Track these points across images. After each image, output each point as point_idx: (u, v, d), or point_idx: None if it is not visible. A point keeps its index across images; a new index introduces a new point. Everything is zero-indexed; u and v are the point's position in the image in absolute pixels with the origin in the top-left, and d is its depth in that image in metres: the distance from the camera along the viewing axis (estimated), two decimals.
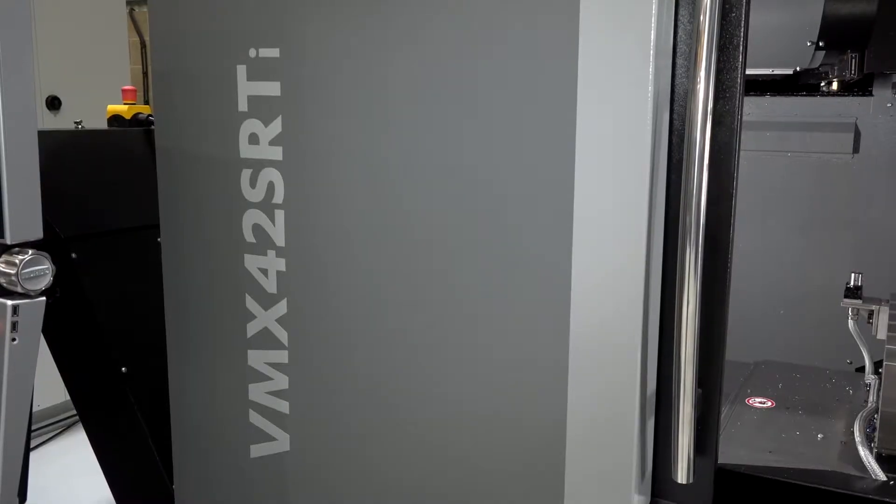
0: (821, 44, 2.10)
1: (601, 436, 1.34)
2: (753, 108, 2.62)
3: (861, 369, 2.07)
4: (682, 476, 1.31)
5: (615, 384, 1.32)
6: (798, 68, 2.23)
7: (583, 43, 1.27)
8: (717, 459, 1.41)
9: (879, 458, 1.63)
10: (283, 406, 1.68)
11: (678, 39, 1.31)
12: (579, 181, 1.30)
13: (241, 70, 1.59)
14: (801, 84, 2.51)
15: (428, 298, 1.48)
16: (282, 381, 1.67)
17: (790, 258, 2.62)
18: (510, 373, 1.42)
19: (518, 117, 1.34)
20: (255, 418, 1.72)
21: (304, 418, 1.67)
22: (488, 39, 1.35)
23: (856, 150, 2.53)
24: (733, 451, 1.70)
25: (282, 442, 1.70)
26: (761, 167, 2.63)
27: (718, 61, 1.27)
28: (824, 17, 2.05)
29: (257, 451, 1.74)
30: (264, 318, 1.67)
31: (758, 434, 1.82)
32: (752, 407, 1.97)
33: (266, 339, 1.67)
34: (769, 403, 1.98)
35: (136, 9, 5.45)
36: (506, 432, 1.44)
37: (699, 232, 1.24)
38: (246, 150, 1.62)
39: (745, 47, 1.30)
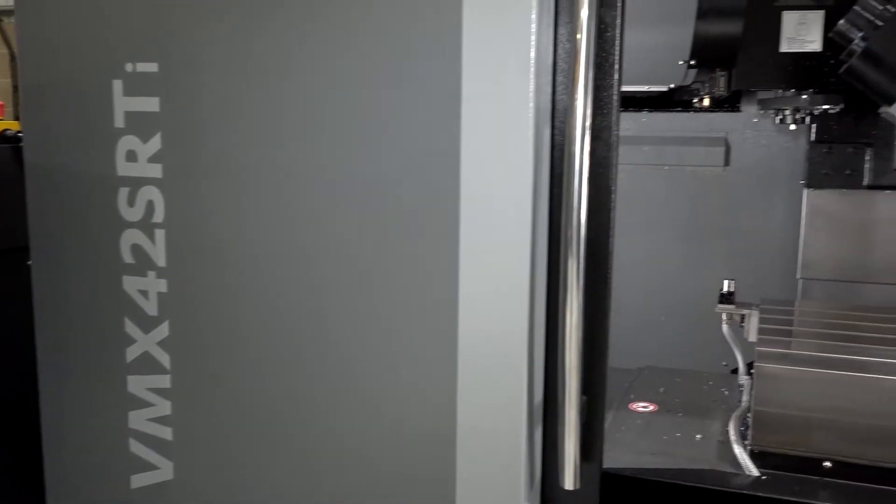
0: (692, 62, 2.21)
1: (491, 445, 1.36)
2: (631, 123, 2.73)
3: (736, 371, 2.19)
4: (569, 482, 1.34)
5: (503, 394, 1.34)
6: (672, 85, 2.34)
7: (466, 61, 1.29)
8: (602, 464, 1.45)
9: (753, 455, 1.72)
10: (166, 433, 1.62)
11: (558, 57, 1.35)
12: (465, 196, 1.31)
13: (118, 85, 1.54)
14: (675, 100, 2.64)
15: (313, 316, 1.46)
16: (164, 407, 1.61)
17: (669, 267, 2.74)
18: (398, 386, 1.42)
19: (403, 135, 1.35)
20: (136, 447, 1.65)
21: (188, 445, 1.61)
22: (373, 56, 1.35)
23: (727, 162, 2.67)
24: (618, 455, 1.76)
25: (165, 470, 1.64)
26: (640, 180, 2.74)
27: (596, 78, 1.31)
28: (695, 38, 2.16)
29: (139, 480, 1.67)
30: (145, 342, 1.60)
31: (641, 437, 1.88)
32: (635, 412, 2.04)
33: (147, 364, 1.61)
34: (652, 407, 2.06)
35: (6, 19, 5.18)
36: (395, 446, 1.44)
37: (580, 244, 1.28)
38: (123, 168, 1.56)
39: (621, 65, 1.35)
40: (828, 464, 1.68)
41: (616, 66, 1.33)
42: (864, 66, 1.72)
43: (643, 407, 2.06)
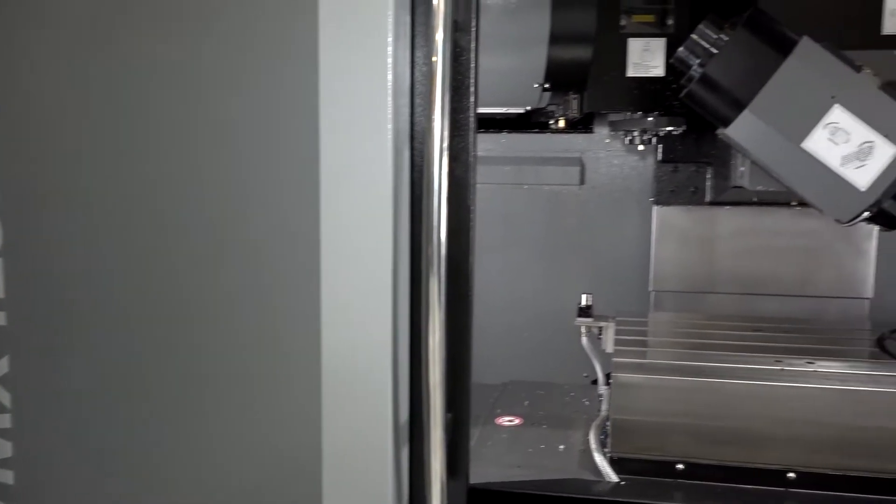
0: (546, 86, 2.29)
1: (358, 467, 1.35)
2: (492, 144, 2.80)
3: (596, 382, 2.27)
4: (436, 500, 1.35)
5: (369, 415, 1.34)
6: (528, 108, 2.42)
7: (323, 86, 1.28)
8: (468, 480, 1.47)
9: (612, 462, 1.79)
10: (7, 476, 1.51)
11: (415, 80, 1.36)
12: (325, 217, 1.31)
13: None
14: (533, 122, 2.73)
15: (168, 341, 1.41)
16: (4, 449, 1.51)
17: (529, 282, 2.81)
18: (261, 411, 1.39)
19: (259, 162, 1.33)
20: None
21: (32, 489, 1.51)
22: (224, 79, 1.33)
23: (582, 181, 2.78)
24: (485, 469, 1.79)
25: None
26: (502, 199, 2.80)
27: (452, 101, 1.34)
28: (548, 62, 2.24)
29: None
30: None
31: (507, 451, 1.92)
32: (501, 426, 2.08)
33: None
34: (517, 421, 2.10)
35: None
36: (260, 470, 1.41)
37: (441, 262, 1.30)
38: None
39: (477, 88, 1.39)
40: (681, 466, 1.77)
41: (472, 89, 1.36)
42: (702, 90, 1.83)
43: (509, 421, 2.11)
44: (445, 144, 1.28)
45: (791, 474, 1.73)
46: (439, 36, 1.26)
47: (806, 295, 2.55)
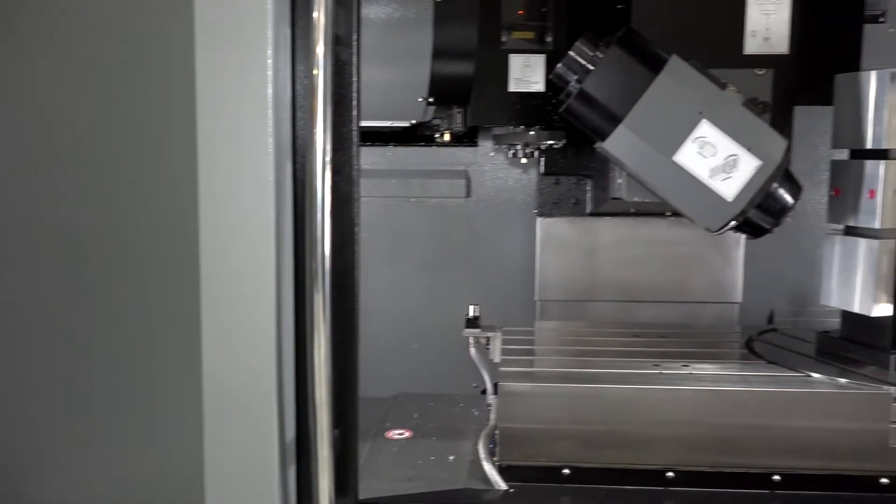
0: (431, 100, 2.31)
1: (242, 490, 1.32)
2: (379, 157, 2.80)
3: (485, 392, 2.30)
4: None
5: (253, 435, 1.31)
6: (414, 121, 2.43)
7: (201, 99, 1.25)
8: (357, 496, 1.46)
9: (501, 470, 1.81)
10: None
11: (297, 93, 1.35)
12: (204, 235, 1.28)
13: None
14: (419, 135, 2.75)
15: (47, 362, 1.34)
16: None
17: (418, 295, 2.83)
18: (140, 435, 1.34)
19: (133, 178, 1.29)
20: None
21: None
22: (104, 83, 1.28)
23: (468, 194, 2.82)
24: (375, 484, 1.77)
25: None
26: (388, 212, 2.81)
27: (335, 114, 1.33)
28: (432, 77, 2.26)
29: None
30: None
31: (397, 465, 1.92)
32: (391, 439, 2.07)
33: None
34: (407, 434, 2.10)
35: None
36: (141, 497, 1.36)
37: (325, 277, 1.29)
38: None
39: (359, 101, 1.39)
40: (567, 470, 1.81)
41: (354, 103, 1.36)
42: (580, 105, 1.89)
43: (399, 434, 2.10)
44: (328, 158, 1.28)
45: (670, 473, 1.80)
46: (320, 49, 1.25)
47: (681, 301, 2.67)
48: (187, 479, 1.32)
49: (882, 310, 1.95)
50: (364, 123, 1.74)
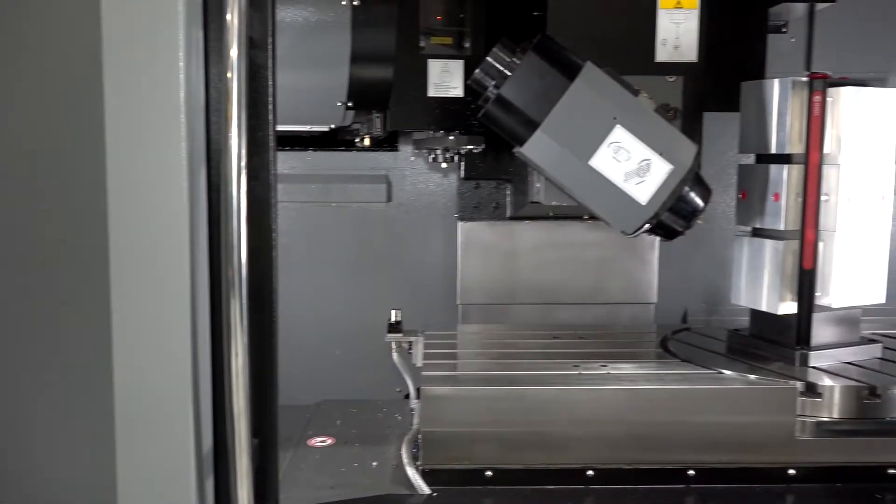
0: (350, 104, 2.30)
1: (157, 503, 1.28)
2: (298, 162, 2.77)
3: (408, 396, 2.30)
4: None
5: (168, 447, 1.27)
6: (333, 126, 2.42)
7: (109, 102, 1.22)
8: None
9: (424, 474, 1.82)
10: None
11: (210, 97, 1.33)
12: (114, 242, 1.24)
13: None
14: (339, 140, 2.73)
15: None
16: None
17: (341, 300, 2.81)
18: (48, 444, 1.29)
19: (41, 182, 1.25)
20: None
21: None
22: (15, 90, 1.24)
23: (389, 198, 2.81)
24: (297, 493, 1.76)
25: None
26: (309, 217, 2.78)
27: (250, 118, 1.31)
28: (350, 81, 2.25)
29: None
30: None
31: (320, 473, 1.90)
32: (313, 447, 2.05)
33: None
34: (329, 441, 2.09)
35: None
36: None
37: (242, 284, 1.26)
38: None
39: (275, 105, 1.37)
40: (489, 473, 1.83)
41: (270, 107, 1.34)
42: (498, 111, 1.91)
43: (321, 441, 2.08)
44: (244, 163, 1.26)
45: (590, 472, 1.84)
46: (234, 52, 1.23)
47: (599, 302, 2.72)
48: (99, 492, 1.28)
49: (787, 308, 2.03)
50: (282, 128, 1.72)
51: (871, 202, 2.00)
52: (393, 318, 2.28)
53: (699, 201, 1.95)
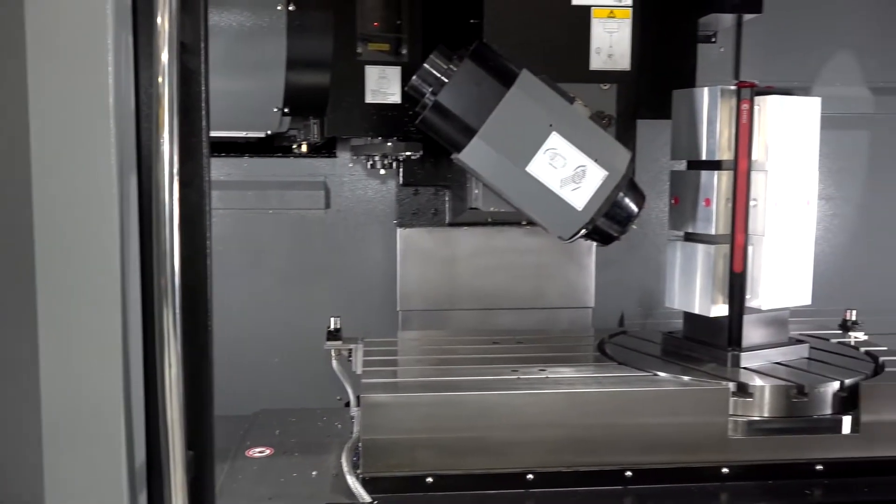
0: (286, 110, 2.28)
1: None
2: (234, 168, 2.73)
3: (348, 404, 2.28)
4: None
5: (99, 461, 1.24)
6: (269, 132, 2.39)
7: (33, 107, 1.18)
8: None
9: (365, 482, 1.81)
10: None
11: (141, 102, 1.30)
12: (41, 251, 1.20)
13: None
14: (276, 146, 2.70)
15: None
16: None
17: (279, 308, 2.78)
18: None
19: None
20: None
21: None
22: None
23: (327, 205, 2.79)
24: None
25: None
26: (247, 224, 2.74)
27: (182, 124, 1.28)
28: (287, 87, 2.23)
29: None
30: None
31: (258, 484, 1.87)
32: (252, 458, 2.02)
33: None
34: (268, 451, 2.06)
35: None
36: None
37: (175, 293, 1.24)
38: None
39: (208, 111, 1.34)
40: (430, 479, 1.83)
41: (203, 112, 1.32)
42: (435, 117, 1.92)
43: (259, 452, 2.05)
44: (176, 170, 1.23)
45: (530, 476, 1.85)
46: (165, 57, 1.21)
47: (538, 307, 2.75)
48: None
49: (719, 310, 2.08)
50: (217, 134, 1.69)
51: (796, 207, 2.07)
52: (332, 326, 2.26)
53: (634, 207, 1.99)
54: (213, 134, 1.37)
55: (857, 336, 2.36)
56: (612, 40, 2.16)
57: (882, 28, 2.97)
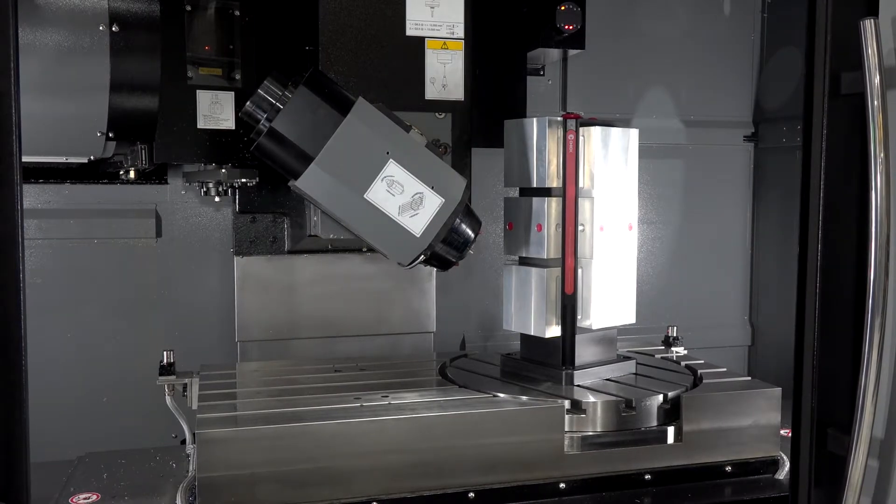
0: (111, 134, 2.17)
1: None
2: (54, 196, 2.57)
3: (184, 441, 2.18)
4: None
5: None
6: (93, 157, 2.26)
7: None
8: None
9: None
10: None
11: None
12: None
13: None
14: (101, 172, 2.56)
15: None
16: None
17: (108, 343, 2.63)
18: None
19: None
20: None
21: None
22: None
23: (159, 234, 2.68)
24: None
25: None
26: (70, 255, 2.58)
27: None
28: (111, 110, 2.13)
29: None
30: None
31: None
32: None
33: None
34: (94, 497, 1.93)
35: None
36: None
37: None
38: None
39: (20, 135, 1.26)
40: None
41: (14, 136, 1.24)
42: (271, 144, 1.89)
43: (84, 499, 1.92)
44: None
45: (374, 503, 1.84)
46: None
47: (380, 333, 2.75)
48: None
49: (553, 331, 2.16)
50: (33, 159, 1.59)
51: (620, 231, 2.19)
52: (165, 360, 2.16)
53: (470, 233, 2.03)
54: (29, 159, 1.29)
55: (678, 351, 2.52)
56: (445, 71, 2.21)
57: (690, 66, 3.22)
